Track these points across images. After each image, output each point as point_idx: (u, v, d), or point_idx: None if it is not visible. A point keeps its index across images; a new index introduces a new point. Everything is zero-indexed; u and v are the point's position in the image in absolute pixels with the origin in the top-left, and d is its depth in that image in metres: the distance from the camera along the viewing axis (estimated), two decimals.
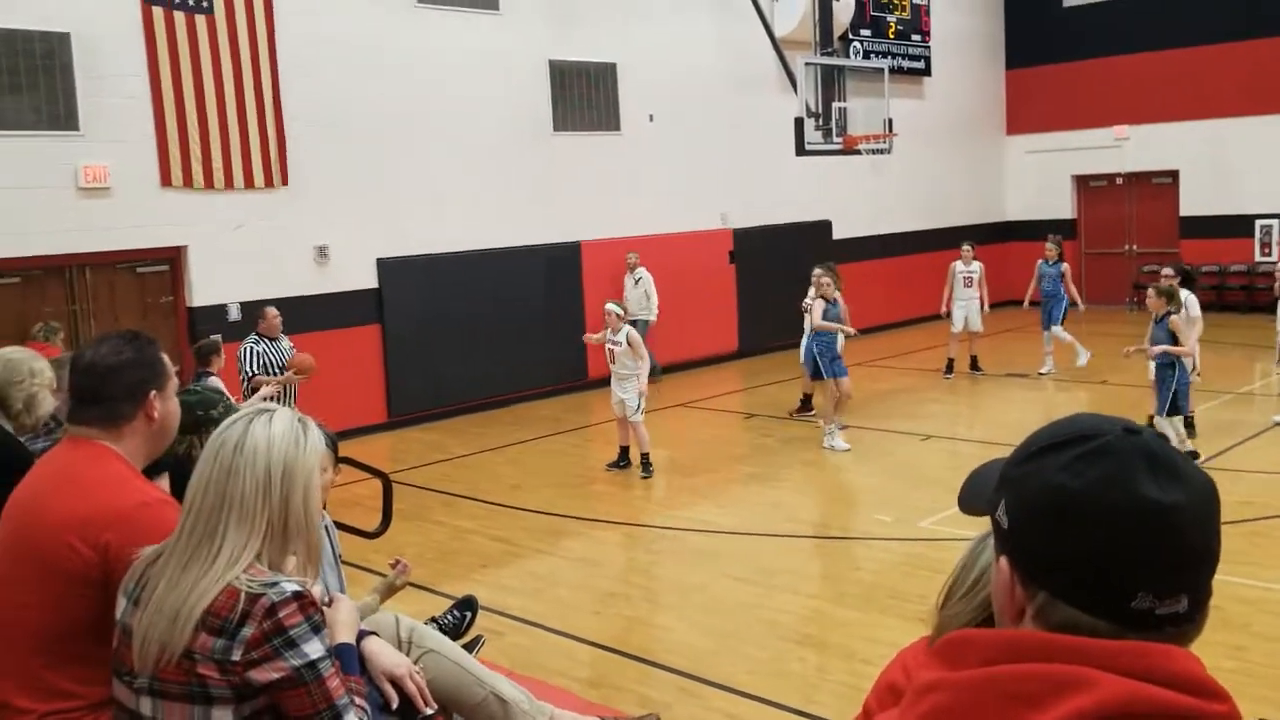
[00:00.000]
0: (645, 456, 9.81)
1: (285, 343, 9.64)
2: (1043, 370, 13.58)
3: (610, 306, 9.82)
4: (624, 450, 10.00)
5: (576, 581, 7.36)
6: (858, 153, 15.15)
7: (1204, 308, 10.38)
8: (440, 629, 4.21)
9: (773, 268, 16.32)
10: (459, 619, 4.58)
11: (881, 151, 15.50)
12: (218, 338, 8.96)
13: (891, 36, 18.41)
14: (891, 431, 11.23)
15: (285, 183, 11.54)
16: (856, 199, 17.77)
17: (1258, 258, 18.21)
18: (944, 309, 13.94)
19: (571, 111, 14.08)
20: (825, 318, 10.71)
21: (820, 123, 14.73)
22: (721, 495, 9.43)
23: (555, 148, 13.89)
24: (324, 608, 2.37)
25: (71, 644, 2.39)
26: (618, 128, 14.60)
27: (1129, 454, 1.06)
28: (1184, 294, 9.67)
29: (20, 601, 2.42)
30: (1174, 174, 19.22)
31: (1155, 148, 19.16)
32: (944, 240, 18.95)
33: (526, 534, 8.38)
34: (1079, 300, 13.79)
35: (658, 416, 12.53)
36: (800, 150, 14.33)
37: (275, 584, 2.08)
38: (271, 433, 2.17)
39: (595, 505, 9.15)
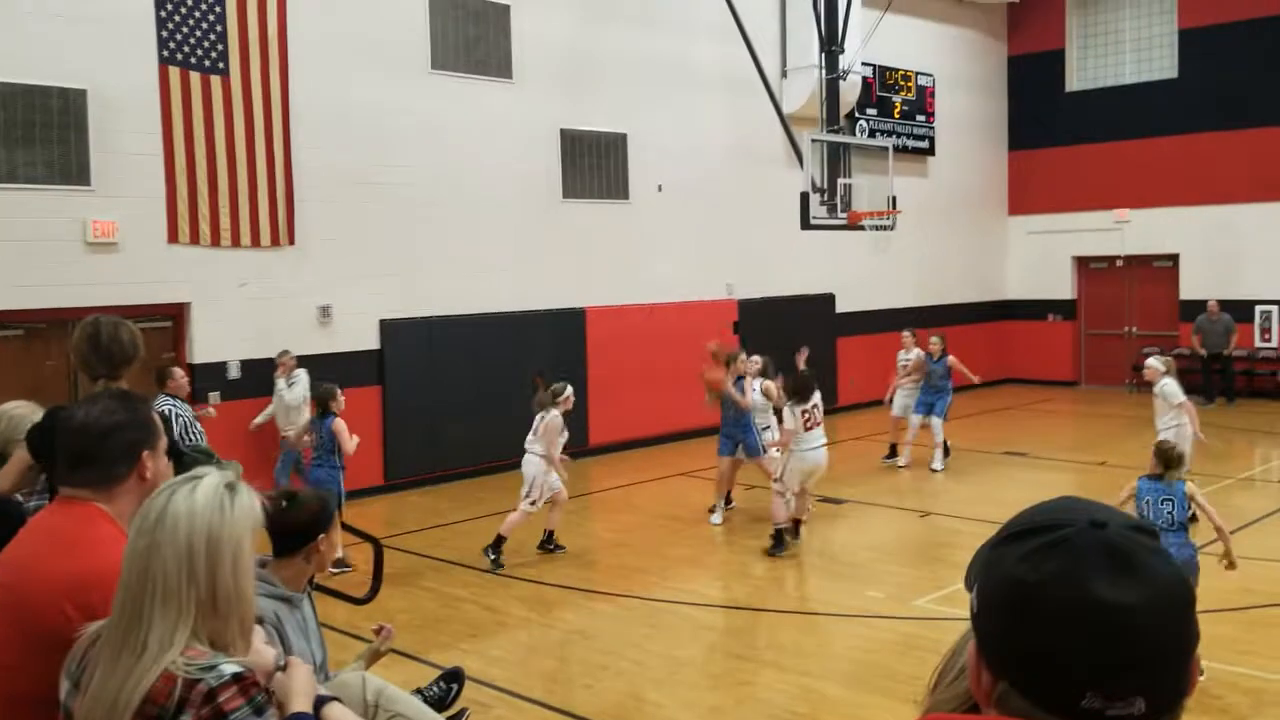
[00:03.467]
0: (498, 539, 9.13)
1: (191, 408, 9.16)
2: (901, 463, 13.04)
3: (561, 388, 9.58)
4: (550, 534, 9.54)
5: (567, 653, 7.27)
6: (862, 228, 15.29)
7: (1198, 391, 10.27)
8: (425, 700, 4.15)
9: (776, 339, 16.35)
10: (444, 691, 4.52)
11: (885, 228, 15.64)
12: (334, 384, 9.10)
13: (897, 116, 18.67)
14: (889, 507, 11.17)
15: (292, 242, 11.64)
16: (860, 273, 17.89)
17: (1258, 343, 18.26)
18: (886, 397, 13.53)
19: (581, 179, 14.25)
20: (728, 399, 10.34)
21: (825, 198, 14.91)
22: (718, 567, 9.35)
23: (564, 214, 14.03)
24: (279, 673, 2.31)
25: (55, 709, 2.36)
26: (627, 196, 14.76)
27: (1087, 549, 1.04)
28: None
29: (3, 663, 2.39)
30: (1174, 258, 19.35)
31: (1156, 231, 19.33)
32: (946, 317, 19.06)
33: (519, 603, 8.30)
34: (974, 377, 13.09)
35: (659, 485, 12.50)
36: (805, 224, 14.46)
37: (213, 667, 1.98)
38: (194, 501, 2.05)
39: (590, 575, 9.07)
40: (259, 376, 11.26)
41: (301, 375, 11.02)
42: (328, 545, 3.49)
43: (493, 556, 9.07)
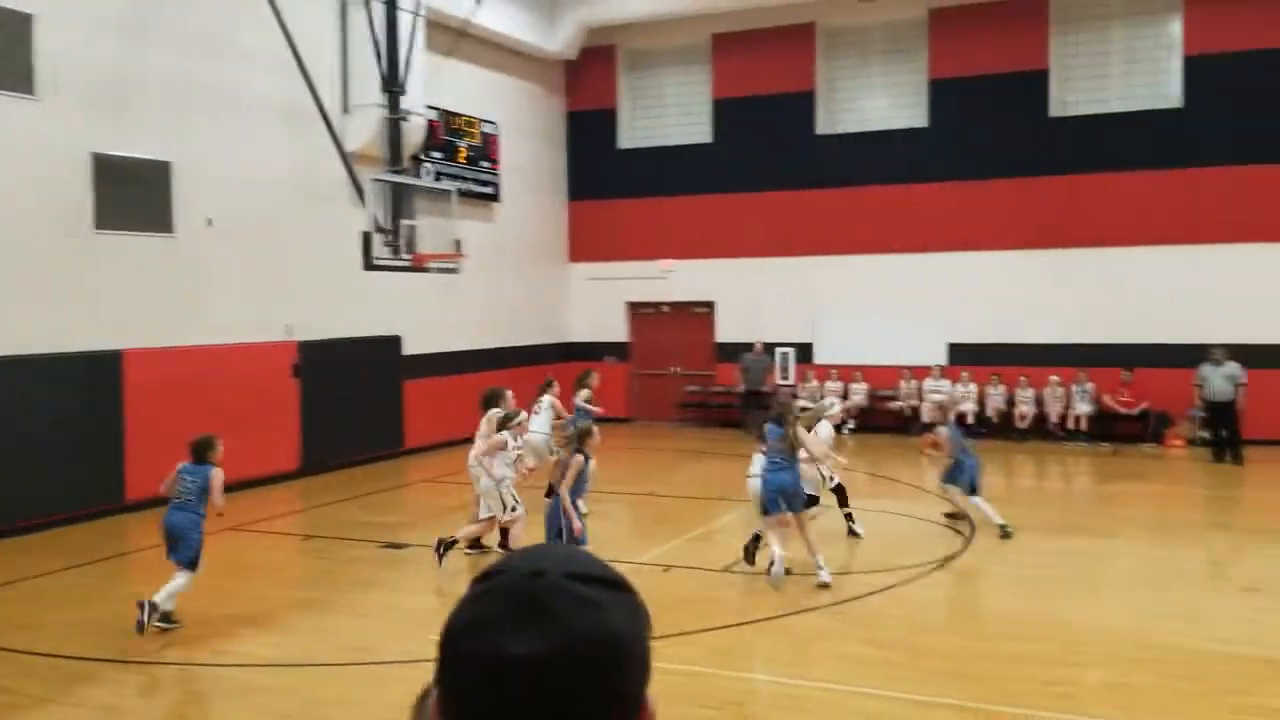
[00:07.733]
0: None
1: None
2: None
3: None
4: None
5: None
6: (427, 270, 15.33)
7: (737, 425, 11.26)
8: None
9: (340, 382, 15.96)
10: None
11: (451, 270, 15.79)
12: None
13: (463, 161, 18.99)
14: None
15: None
16: (428, 315, 17.92)
17: (778, 381, 20.48)
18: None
19: (118, 209, 13.03)
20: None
21: (389, 239, 14.78)
22: (270, 625, 8.84)
23: (97, 247, 12.76)
24: None
25: None
26: (171, 229, 13.71)
27: (506, 598, 1.05)
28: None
29: None
30: (711, 304, 21.31)
31: (695, 280, 21.22)
32: (514, 358, 19.59)
33: (34, 681, 7.34)
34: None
35: (216, 539, 11.61)
36: (369, 265, 14.26)
37: None
38: None
39: (124, 644, 8.22)
40: None
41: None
42: None
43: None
